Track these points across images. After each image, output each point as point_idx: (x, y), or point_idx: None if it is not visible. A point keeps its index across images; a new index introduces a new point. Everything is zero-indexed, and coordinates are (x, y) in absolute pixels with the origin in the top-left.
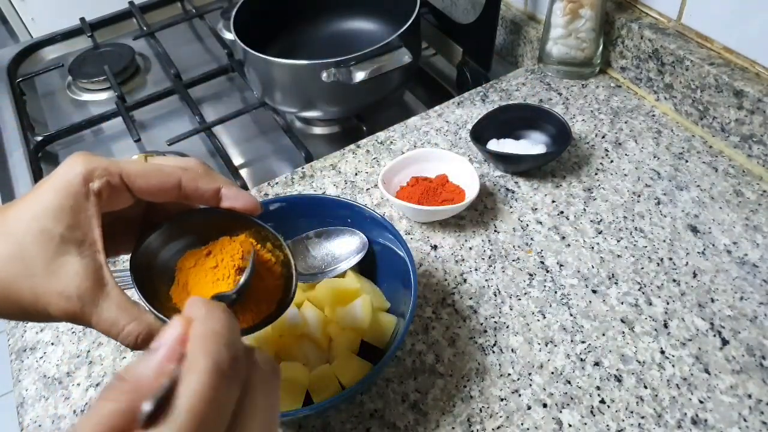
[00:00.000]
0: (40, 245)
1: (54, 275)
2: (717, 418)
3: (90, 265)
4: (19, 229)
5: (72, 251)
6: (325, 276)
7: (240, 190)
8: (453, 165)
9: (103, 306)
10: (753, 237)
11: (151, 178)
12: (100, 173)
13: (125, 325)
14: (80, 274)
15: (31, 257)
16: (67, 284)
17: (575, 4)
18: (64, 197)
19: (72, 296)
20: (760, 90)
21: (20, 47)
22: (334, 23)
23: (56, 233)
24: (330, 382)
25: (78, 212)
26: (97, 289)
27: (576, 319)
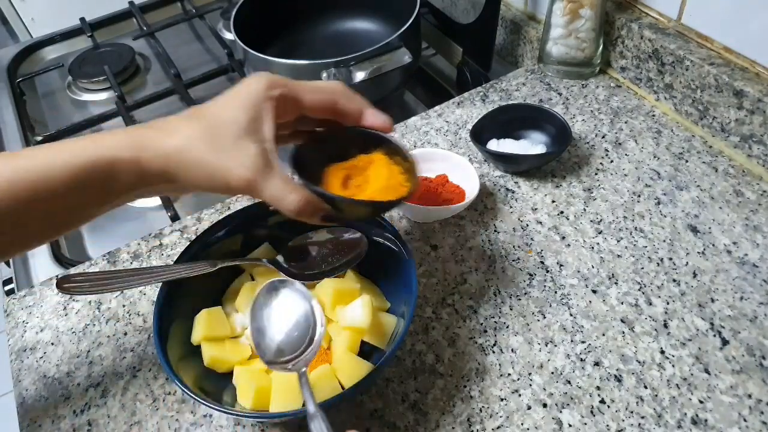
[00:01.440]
0: (229, 129)
1: (238, 151)
2: (717, 418)
3: (263, 150)
4: (213, 116)
5: (251, 138)
6: (325, 276)
7: (378, 112)
8: (453, 165)
9: (271, 180)
10: (753, 237)
11: (317, 93)
12: (281, 85)
13: (288, 194)
14: (256, 154)
15: (221, 136)
16: (246, 159)
17: (575, 4)
18: (250, 97)
19: (249, 167)
20: (760, 90)
21: (20, 47)
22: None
23: (242, 122)
24: (330, 382)
25: (259, 110)
26: (268, 168)
27: (576, 319)
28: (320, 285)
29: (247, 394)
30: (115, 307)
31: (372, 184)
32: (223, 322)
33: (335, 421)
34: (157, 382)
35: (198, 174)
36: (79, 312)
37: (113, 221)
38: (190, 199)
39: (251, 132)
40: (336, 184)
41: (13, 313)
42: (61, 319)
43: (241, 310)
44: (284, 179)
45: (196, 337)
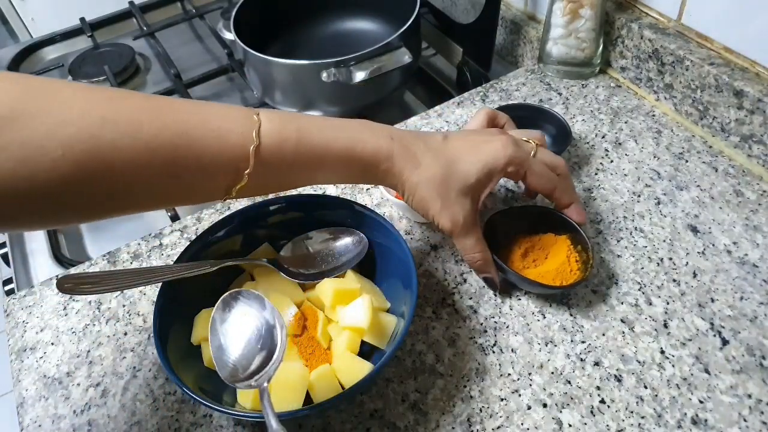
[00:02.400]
0: (459, 182)
1: (456, 205)
2: (717, 418)
3: (474, 211)
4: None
5: (469, 197)
6: (325, 276)
7: (581, 209)
8: None
9: (468, 236)
10: (753, 237)
11: (542, 182)
12: (518, 165)
13: (476, 253)
14: (468, 213)
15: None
16: (459, 213)
17: (575, 4)
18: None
19: (458, 222)
20: (760, 90)
21: (20, 47)
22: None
23: (471, 182)
24: (330, 382)
25: (488, 178)
26: (472, 224)
27: (576, 319)
28: (320, 285)
29: (247, 394)
30: (115, 307)
31: (548, 263)
32: None
33: (335, 421)
34: (157, 382)
35: (419, 205)
36: (79, 312)
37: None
38: None
39: (473, 192)
40: (518, 253)
41: (13, 313)
42: (61, 319)
43: None
44: (478, 238)
45: (196, 337)
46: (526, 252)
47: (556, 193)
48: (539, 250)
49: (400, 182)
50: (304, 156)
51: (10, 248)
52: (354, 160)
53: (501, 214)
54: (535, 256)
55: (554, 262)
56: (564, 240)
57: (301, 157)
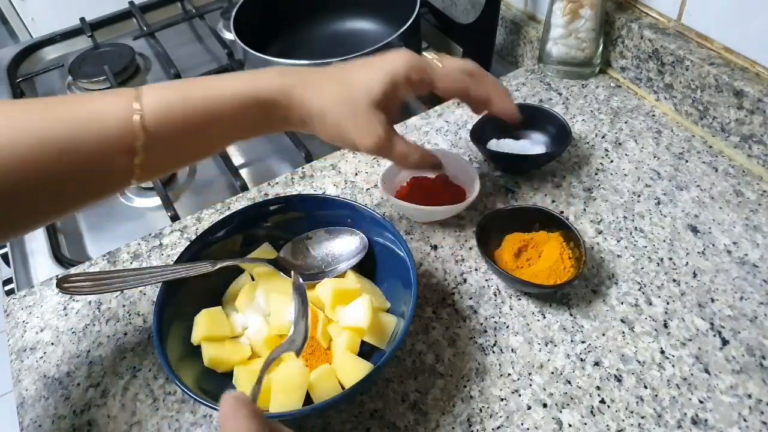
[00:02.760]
0: (364, 98)
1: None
2: (717, 418)
3: (390, 123)
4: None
5: (381, 110)
6: (325, 276)
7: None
8: (453, 164)
9: (397, 144)
10: (753, 237)
11: (451, 81)
12: (420, 69)
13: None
14: (384, 125)
15: (359, 104)
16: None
17: (575, 4)
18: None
19: (380, 134)
20: (760, 90)
21: (20, 47)
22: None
23: (376, 95)
24: (330, 382)
25: (395, 89)
26: (393, 134)
27: (576, 319)
28: (320, 285)
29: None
30: (115, 307)
31: (542, 261)
32: (223, 322)
33: (335, 421)
34: (157, 382)
35: (333, 132)
36: (79, 312)
37: (113, 221)
38: (190, 199)
39: (383, 107)
40: (511, 253)
41: (13, 313)
42: (61, 319)
43: (241, 310)
44: (405, 141)
45: (196, 337)
46: (520, 252)
47: (471, 91)
48: (532, 249)
49: (306, 115)
50: (196, 113)
51: (10, 248)
52: (249, 105)
53: (492, 216)
54: (529, 255)
55: (548, 261)
56: (556, 237)
57: (193, 116)
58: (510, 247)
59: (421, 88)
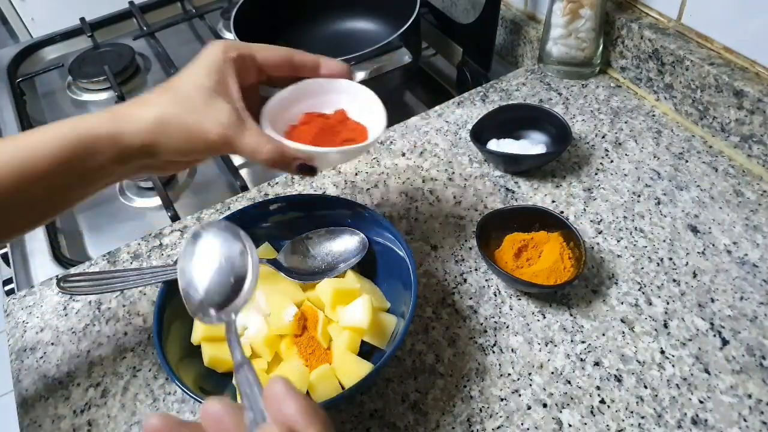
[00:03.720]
0: (199, 93)
1: (211, 111)
2: (717, 418)
3: (234, 107)
4: (183, 85)
5: (220, 98)
6: (325, 276)
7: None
8: (354, 98)
9: (246, 134)
10: (753, 237)
11: (270, 50)
12: (234, 47)
13: (264, 146)
14: (228, 111)
15: (194, 99)
16: (220, 115)
17: (575, 4)
18: (210, 63)
19: (224, 123)
20: (760, 90)
21: (20, 47)
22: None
23: (208, 86)
24: (330, 382)
25: (221, 73)
26: (241, 122)
27: (576, 319)
28: (320, 285)
29: None
30: (115, 307)
31: (541, 262)
32: None
33: (335, 421)
34: (157, 382)
35: (178, 137)
36: (79, 312)
37: (113, 221)
38: (190, 199)
39: (220, 93)
40: (511, 253)
41: (13, 313)
42: (61, 319)
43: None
44: (258, 132)
45: (196, 337)
46: (520, 251)
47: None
48: (532, 249)
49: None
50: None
51: (10, 248)
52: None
53: (493, 215)
54: (529, 255)
55: (548, 261)
56: (556, 237)
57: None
58: (510, 247)
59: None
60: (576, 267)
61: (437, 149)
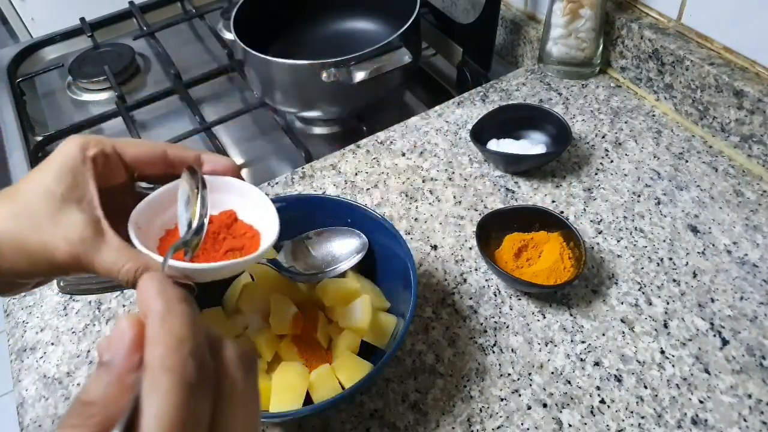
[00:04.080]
0: (45, 202)
1: (58, 225)
2: (717, 418)
3: (89, 217)
4: (27, 192)
5: (73, 207)
6: (325, 276)
7: (218, 155)
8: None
9: (103, 249)
10: (753, 237)
11: (139, 147)
12: (95, 143)
13: (124, 264)
14: (81, 223)
15: (38, 212)
16: (69, 231)
17: (575, 4)
18: (64, 163)
19: (75, 240)
20: (760, 90)
21: (20, 47)
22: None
23: (58, 192)
24: (330, 382)
25: (76, 175)
26: (98, 236)
27: (576, 319)
28: (320, 285)
29: None
30: (115, 307)
31: (541, 262)
32: (223, 322)
33: (335, 421)
34: None
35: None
36: (79, 312)
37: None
38: None
39: (72, 201)
40: (511, 253)
41: (13, 313)
42: (61, 319)
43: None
44: (119, 247)
45: None
46: (520, 251)
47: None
48: (532, 249)
49: None
50: None
51: None
52: None
53: (493, 215)
54: (529, 255)
55: (548, 261)
56: (556, 237)
57: None
58: (510, 247)
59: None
60: (576, 267)
61: (437, 149)
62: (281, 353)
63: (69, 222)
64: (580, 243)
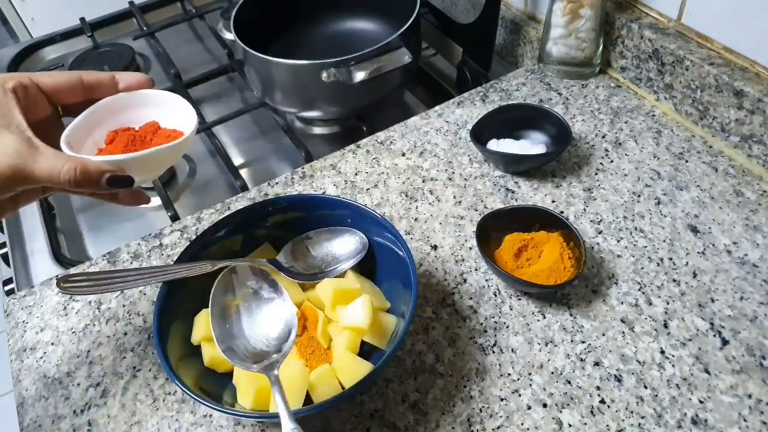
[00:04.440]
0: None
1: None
2: (717, 418)
3: (20, 136)
4: None
5: (3, 131)
6: (325, 276)
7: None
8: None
9: (40, 159)
10: (753, 237)
11: (56, 76)
12: (12, 77)
13: (62, 165)
14: (15, 141)
15: None
16: (5, 148)
17: (575, 4)
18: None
19: (12, 153)
20: (760, 90)
21: (20, 47)
22: (334, 23)
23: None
24: (330, 382)
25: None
26: (32, 149)
27: (576, 319)
28: (320, 285)
29: (247, 394)
30: (115, 307)
31: (541, 262)
32: None
33: (335, 421)
34: (157, 382)
35: None
36: (79, 312)
37: (113, 221)
38: (190, 199)
39: (2, 128)
40: (511, 253)
41: (13, 313)
42: (61, 319)
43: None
44: (55, 154)
45: (196, 337)
46: (520, 251)
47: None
48: (532, 249)
49: None
50: None
51: (10, 248)
52: None
53: (493, 215)
54: (529, 255)
55: (548, 261)
56: (556, 237)
57: None
58: (510, 247)
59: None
60: (576, 267)
61: (437, 149)
62: None
63: (4, 141)
64: (580, 243)
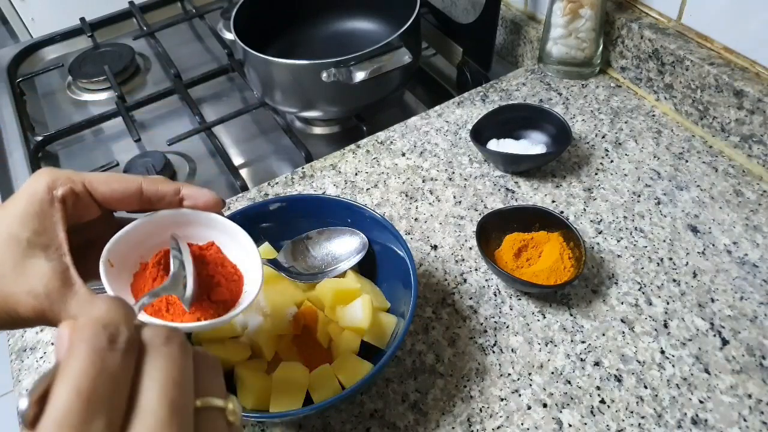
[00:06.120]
0: (8, 249)
1: (22, 276)
2: (717, 418)
3: (57, 267)
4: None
5: (39, 254)
6: (325, 276)
7: (200, 188)
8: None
9: (71, 303)
10: (753, 237)
11: (112, 183)
12: (63, 181)
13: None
14: (47, 275)
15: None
16: (35, 284)
17: (575, 4)
18: (30, 205)
19: (40, 294)
20: (760, 90)
21: (20, 47)
22: (334, 23)
23: (23, 238)
24: (330, 382)
25: (44, 218)
26: (65, 288)
27: (576, 319)
28: (320, 285)
29: (247, 394)
30: None
31: (541, 262)
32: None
33: (335, 421)
34: None
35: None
36: None
37: None
38: None
39: (38, 248)
40: (511, 253)
41: None
42: None
43: None
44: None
45: (196, 337)
46: (520, 251)
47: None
48: (533, 249)
49: None
50: None
51: None
52: None
53: (493, 215)
54: (529, 255)
55: (548, 261)
56: (557, 237)
57: None
58: (510, 247)
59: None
60: (576, 267)
61: (437, 149)
62: (281, 353)
63: (35, 272)
64: (580, 243)
